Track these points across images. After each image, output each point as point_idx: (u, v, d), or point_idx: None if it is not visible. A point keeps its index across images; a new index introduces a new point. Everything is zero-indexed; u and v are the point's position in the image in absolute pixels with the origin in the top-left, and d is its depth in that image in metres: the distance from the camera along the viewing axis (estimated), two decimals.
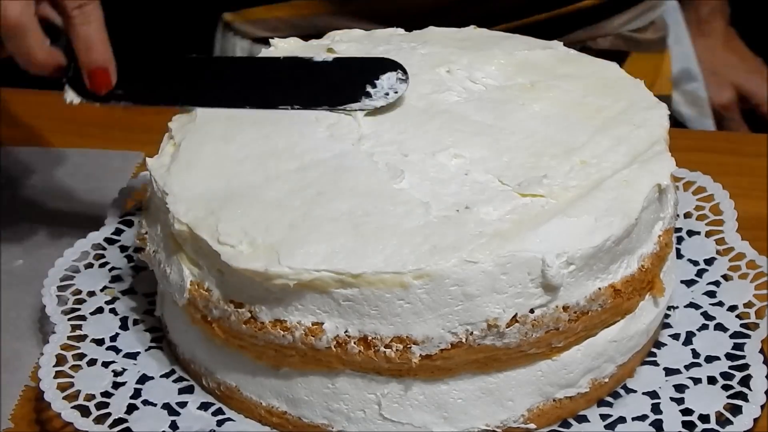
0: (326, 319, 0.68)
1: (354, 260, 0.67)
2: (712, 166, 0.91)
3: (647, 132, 0.76)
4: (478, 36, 0.88)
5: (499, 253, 0.67)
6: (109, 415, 0.73)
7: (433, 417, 0.71)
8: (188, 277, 0.72)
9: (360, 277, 0.67)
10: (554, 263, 0.67)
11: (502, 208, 0.70)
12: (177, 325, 0.78)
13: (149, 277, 0.81)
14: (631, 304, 0.73)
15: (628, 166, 0.73)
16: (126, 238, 0.88)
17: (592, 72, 0.83)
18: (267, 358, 0.71)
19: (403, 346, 0.68)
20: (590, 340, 0.72)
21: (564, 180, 0.72)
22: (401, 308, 0.67)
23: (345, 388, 0.71)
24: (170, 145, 0.79)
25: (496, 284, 0.67)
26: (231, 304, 0.70)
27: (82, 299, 0.82)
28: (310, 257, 0.67)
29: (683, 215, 0.88)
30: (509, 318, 0.68)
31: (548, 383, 0.72)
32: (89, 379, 0.76)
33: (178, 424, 0.73)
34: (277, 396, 0.73)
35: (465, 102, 0.79)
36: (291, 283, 0.67)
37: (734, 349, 0.77)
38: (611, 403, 0.75)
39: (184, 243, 0.72)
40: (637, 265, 0.72)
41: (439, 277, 0.66)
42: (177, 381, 0.77)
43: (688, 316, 0.80)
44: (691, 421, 0.72)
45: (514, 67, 0.83)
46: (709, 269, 0.83)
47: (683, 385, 0.75)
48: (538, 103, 0.79)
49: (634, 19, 1.17)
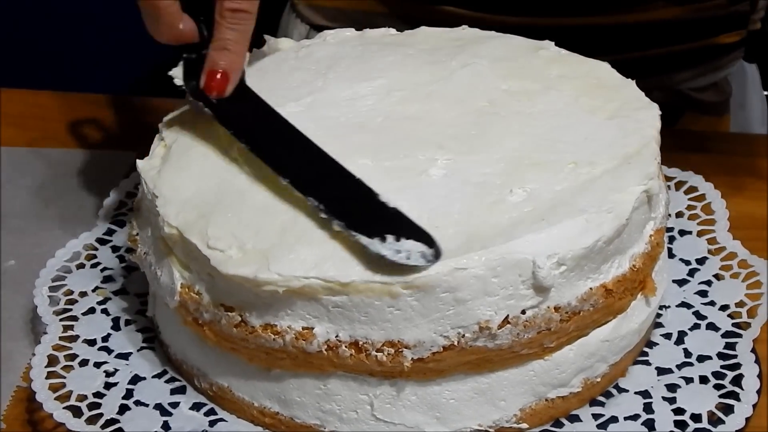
0: (316, 323, 0.68)
1: (343, 268, 0.67)
2: (704, 166, 0.91)
3: (639, 132, 0.76)
4: (471, 36, 0.88)
5: (489, 257, 0.67)
6: (101, 416, 0.73)
7: (425, 417, 0.71)
8: (179, 280, 0.72)
9: (349, 285, 0.66)
10: (545, 264, 0.67)
11: (492, 210, 0.70)
12: (169, 326, 0.78)
13: (141, 278, 0.80)
14: (622, 303, 0.73)
15: (619, 167, 0.73)
16: (118, 238, 0.88)
17: (585, 72, 0.83)
18: (258, 360, 0.71)
19: (394, 351, 0.68)
20: (582, 340, 0.72)
21: (555, 181, 0.72)
22: (391, 314, 0.67)
23: (337, 389, 0.71)
24: (161, 146, 0.78)
25: (487, 287, 0.67)
26: (221, 307, 0.70)
27: (73, 300, 0.82)
28: (299, 264, 0.67)
29: (675, 215, 0.88)
30: (501, 320, 0.68)
31: (540, 383, 0.72)
32: (81, 380, 0.76)
33: (170, 424, 0.73)
34: (269, 397, 0.73)
35: (455, 103, 0.79)
36: (280, 289, 0.67)
37: (726, 348, 0.77)
38: (603, 402, 0.75)
39: (175, 246, 0.72)
40: (628, 264, 0.72)
41: (429, 287, 0.66)
42: (169, 381, 0.77)
43: (680, 316, 0.80)
44: (683, 420, 0.72)
45: (506, 68, 0.82)
46: (701, 268, 0.83)
47: (675, 385, 0.75)
48: (529, 104, 0.79)
49: (695, 77, 1.11)
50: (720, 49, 1.10)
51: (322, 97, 0.80)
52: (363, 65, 0.83)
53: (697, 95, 1.12)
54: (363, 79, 0.81)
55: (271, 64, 0.85)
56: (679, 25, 1.06)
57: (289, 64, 0.85)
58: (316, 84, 0.81)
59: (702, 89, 1.12)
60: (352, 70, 0.83)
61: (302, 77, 0.82)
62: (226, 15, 0.76)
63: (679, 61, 1.09)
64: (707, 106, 1.13)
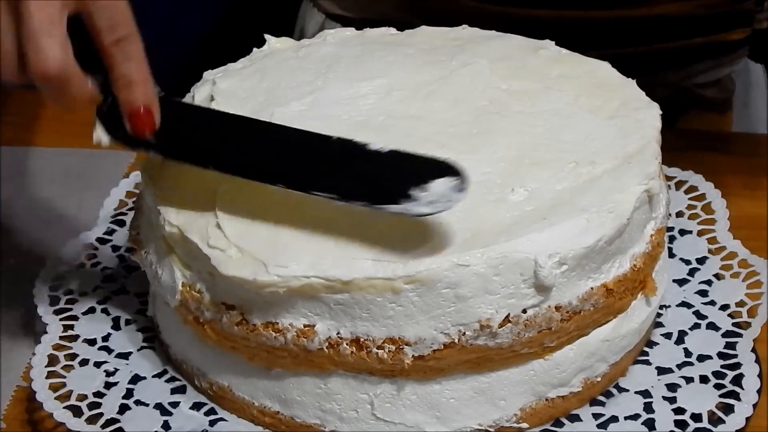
0: (318, 321, 0.68)
1: (344, 266, 0.67)
2: (704, 165, 0.91)
3: (639, 132, 0.76)
4: (471, 35, 0.88)
5: (490, 255, 0.67)
6: (101, 416, 0.73)
7: (425, 417, 0.71)
8: (180, 279, 0.72)
9: (351, 283, 0.66)
10: (546, 264, 0.67)
11: (493, 209, 0.70)
12: (169, 326, 0.78)
13: (141, 277, 0.80)
14: (623, 303, 0.73)
15: (620, 166, 0.73)
16: (118, 238, 0.88)
17: (585, 72, 0.82)
18: (259, 359, 0.71)
19: (395, 347, 0.68)
20: (582, 340, 0.72)
21: (556, 180, 0.72)
22: (393, 311, 0.67)
23: (337, 389, 0.71)
24: None
25: (488, 285, 0.67)
26: (222, 306, 0.70)
27: (74, 299, 0.82)
28: (299, 263, 0.67)
29: (675, 214, 0.88)
30: (502, 318, 0.68)
31: (541, 383, 0.72)
32: (81, 379, 0.76)
33: (170, 424, 0.73)
34: (269, 396, 0.73)
35: (455, 103, 0.79)
36: (281, 290, 0.67)
37: (726, 348, 0.77)
38: (604, 402, 0.75)
39: (176, 245, 0.72)
40: (629, 264, 0.72)
41: (431, 281, 0.66)
42: (169, 381, 0.77)
43: (680, 315, 0.80)
44: (683, 420, 0.72)
45: (506, 68, 0.82)
46: (701, 268, 0.83)
47: (675, 384, 0.75)
48: (530, 103, 0.79)
49: (699, 74, 1.10)
50: (725, 46, 1.09)
51: (324, 96, 0.80)
52: (363, 65, 0.83)
53: (700, 92, 1.12)
54: (363, 79, 0.81)
55: (272, 63, 0.85)
56: (684, 21, 1.05)
57: (290, 63, 0.85)
58: (317, 83, 0.81)
59: (705, 86, 1.12)
60: (352, 69, 0.83)
61: (303, 77, 0.82)
62: (112, 51, 0.69)
63: (684, 57, 1.09)
64: (710, 103, 1.12)
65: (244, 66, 0.85)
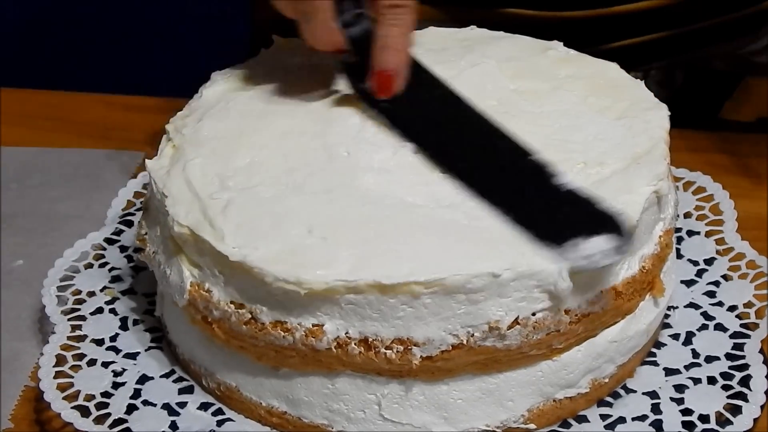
0: (327, 321, 0.68)
1: (363, 269, 0.67)
2: (712, 166, 0.91)
3: (648, 133, 0.76)
4: (478, 36, 0.88)
5: (514, 264, 0.67)
6: (108, 416, 0.73)
7: (433, 417, 0.71)
8: (188, 278, 0.72)
9: (394, 287, 0.66)
10: (568, 279, 0.67)
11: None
12: (177, 326, 0.78)
13: (149, 277, 0.81)
14: (631, 304, 0.73)
15: (629, 167, 0.73)
16: (126, 238, 0.88)
17: (593, 72, 0.83)
18: (267, 358, 0.71)
19: (403, 348, 0.68)
20: (590, 341, 0.72)
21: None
22: (404, 312, 0.67)
23: (345, 389, 0.71)
24: (169, 146, 0.78)
25: (502, 290, 0.67)
26: (231, 305, 0.70)
27: (81, 299, 0.82)
28: (322, 267, 0.67)
29: (683, 215, 0.88)
30: (511, 321, 0.68)
31: (548, 384, 0.72)
32: (89, 380, 0.76)
33: (177, 424, 0.73)
34: (276, 396, 0.73)
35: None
36: (302, 291, 0.67)
37: (734, 349, 0.77)
38: (611, 403, 0.75)
39: (185, 244, 0.72)
40: (638, 266, 0.72)
41: (454, 287, 0.66)
42: (177, 381, 0.77)
43: (688, 316, 0.80)
44: (690, 421, 0.72)
45: (515, 68, 0.82)
46: (709, 269, 0.83)
47: (683, 385, 0.75)
48: (538, 103, 0.79)
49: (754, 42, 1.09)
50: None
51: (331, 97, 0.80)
52: None
53: (756, 59, 1.11)
54: None
55: (279, 65, 0.85)
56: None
57: (300, 65, 0.85)
58: None
59: (759, 52, 1.11)
60: None
61: (314, 77, 0.82)
62: (385, 12, 0.74)
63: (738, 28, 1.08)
64: (765, 68, 1.12)
65: (250, 67, 0.85)
